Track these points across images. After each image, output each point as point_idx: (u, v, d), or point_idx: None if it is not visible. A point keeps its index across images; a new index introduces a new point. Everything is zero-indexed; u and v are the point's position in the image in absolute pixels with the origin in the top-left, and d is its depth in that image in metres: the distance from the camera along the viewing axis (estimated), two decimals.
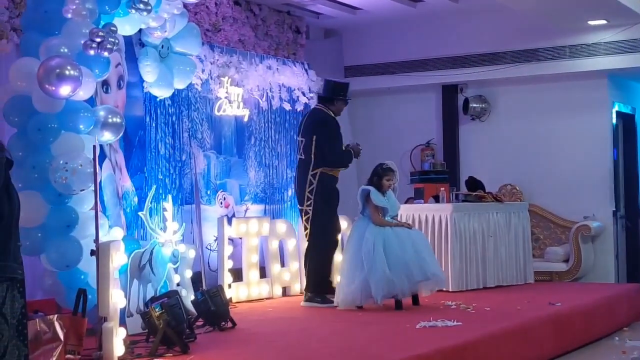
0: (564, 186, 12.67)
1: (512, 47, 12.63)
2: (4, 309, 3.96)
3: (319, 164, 9.60)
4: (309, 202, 9.65)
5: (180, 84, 8.85)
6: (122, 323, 6.82)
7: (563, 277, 12.11)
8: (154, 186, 9.18)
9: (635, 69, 12.16)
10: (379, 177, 9.29)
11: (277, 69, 11.55)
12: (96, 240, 6.52)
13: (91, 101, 7.45)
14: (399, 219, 9.63)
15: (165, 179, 9.72)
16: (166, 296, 7.15)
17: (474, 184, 11.74)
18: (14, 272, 4.02)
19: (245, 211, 10.92)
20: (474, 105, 13.17)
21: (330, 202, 9.69)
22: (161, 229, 7.94)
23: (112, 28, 7.11)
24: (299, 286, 10.66)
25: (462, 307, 9.05)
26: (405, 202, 11.45)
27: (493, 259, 10.85)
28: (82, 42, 6.93)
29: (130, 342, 6.80)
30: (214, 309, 7.83)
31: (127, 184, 8.82)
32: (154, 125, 9.61)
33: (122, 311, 7.01)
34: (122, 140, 8.62)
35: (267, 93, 11.37)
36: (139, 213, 8.35)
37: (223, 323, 7.93)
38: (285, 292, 10.56)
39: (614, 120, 12.78)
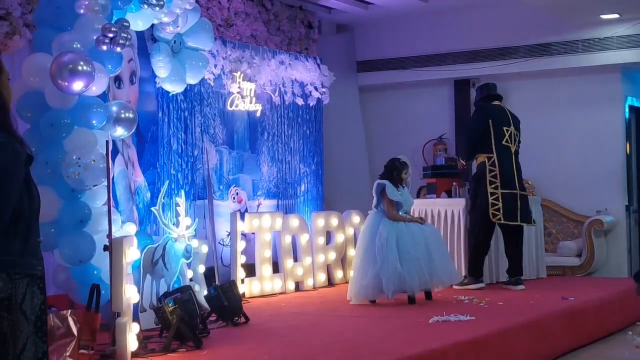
0: (576, 181, 12.64)
1: (525, 41, 12.59)
2: (24, 305, 3.96)
3: None
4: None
5: (192, 79, 8.86)
6: (136, 318, 6.84)
7: (576, 272, 12.09)
8: (167, 181, 9.18)
9: None
10: (399, 171, 9.29)
11: (290, 64, 11.55)
12: (109, 235, 6.53)
13: (104, 97, 7.47)
14: (411, 214, 9.62)
15: (178, 174, 9.74)
16: (179, 291, 7.17)
17: None
18: (33, 269, 4.02)
19: (258, 206, 10.93)
20: None
21: None
22: (174, 224, 7.95)
23: (125, 23, 7.12)
24: (311, 281, 10.68)
25: (474, 302, 9.04)
26: (418, 194, 11.50)
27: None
28: (95, 37, 6.95)
29: (144, 338, 6.81)
30: (227, 304, 7.84)
31: (140, 179, 8.84)
32: (166, 120, 9.63)
33: (135, 306, 7.03)
34: (134, 136, 8.63)
35: (279, 88, 11.38)
36: (152, 208, 8.37)
37: (236, 318, 7.94)
38: (298, 287, 10.56)
39: (627, 115, 12.74)
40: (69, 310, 6.24)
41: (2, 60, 4.04)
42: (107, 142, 6.74)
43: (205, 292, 8.11)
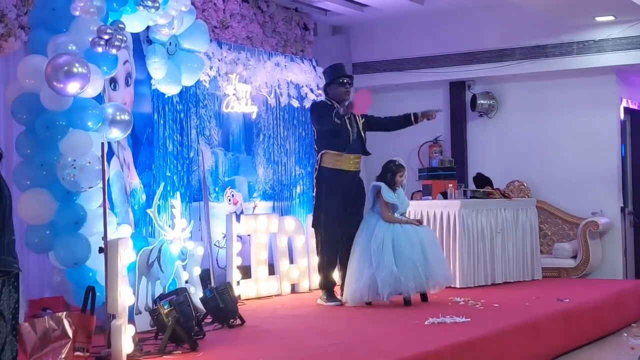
0: (571, 182, 12.66)
1: (520, 43, 12.60)
2: (1, 305, 3.93)
3: (318, 146, 9.64)
4: None
5: (188, 81, 8.85)
6: (131, 320, 6.84)
7: (571, 273, 12.09)
8: (162, 183, 9.18)
9: None
10: (393, 174, 9.30)
11: (285, 65, 11.56)
12: (104, 237, 6.52)
13: (99, 98, 7.46)
14: (407, 215, 9.62)
15: (174, 176, 9.73)
16: (175, 293, 7.16)
17: (482, 181, 11.74)
18: (9, 266, 4.00)
19: (254, 208, 10.92)
20: (482, 101, 13.16)
21: None
22: (169, 226, 7.95)
23: (120, 25, 7.11)
24: (307, 283, 10.67)
25: (470, 304, 9.05)
26: (411, 197, 11.47)
27: (501, 255, 10.84)
28: (90, 39, 6.93)
29: (139, 340, 6.81)
30: (222, 306, 7.84)
31: (135, 181, 8.83)
32: (162, 122, 9.62)
33: (131, 309, 7.03)
34: (130, 138, 8.62)
35: (275, 90, 11.38)
36: (147, 210, 8.36)
37: (232, 320, 7.94)
38: (293, 289, 10.56)
39: (622, 117, 12.76)
40: (64, 313, 6.24)
41: None
42: (102, 144, 6.74)
43: (201, 294, 8.11)
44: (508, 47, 12.69)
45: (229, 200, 10.55)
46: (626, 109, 12.95)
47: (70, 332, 6.09)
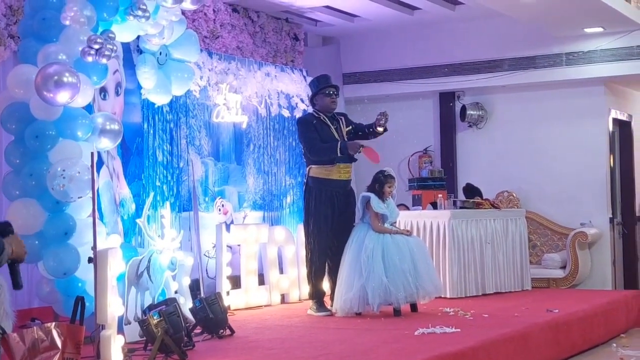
0: (561, 193, 12.69)
1: (509, 54, 12.65)
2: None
3: (307, 162, 9.61)
4: None
5: (178, 91, 8.85)
6: (120, 331, 6.82)
7: (560, 284, 12.11)
8: (152, 193, 9.16)
9: (632, 76, 12.20)
10: (381, 184, 9.30)
11: (276, 75, 11.56)
12: (94, 247, 6.51)
13: (89, 108, 7.45)
14: (397, 225, 9.63)
15: (163, 186, 9.71)
16: (164, 304, 7.15)
17: (472, 191, 11.74)
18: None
19: (244, 218, 10.91)
20: (471, 112, 13.18)
21: None
22: (159, 236, 7.93)
23: (110, 35, 7.11)
24: (297, 293, 10.66)
25: (460, 314, 9.05)
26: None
27: (491, 266, 10.85)
28: (80, 49, 6.93)
29: (128, 350, 6.78)
30: (212, 316, 7.82)
31: (125, 191, 8.81)
32: (151, 132, 9.61)
33: (120, 319, 7.00)
34: (119, 147, 8.61)
35: (265, 100, 11.38)
36: (137, 220, 8.34)
37: (221, 331, 7.92)
38: (283, 299, 10.55)
39: (611, 127, 12.80)
40: (53, 323, 6.21)
41: None
42: (92, 153, 6.73)
43: (190, 305, 8.09)
44: (497, 58, 12.74)
45: (219, 210, 10.54)
46: (615, 120, 12.99)
47: (59, 343, 6.07)
